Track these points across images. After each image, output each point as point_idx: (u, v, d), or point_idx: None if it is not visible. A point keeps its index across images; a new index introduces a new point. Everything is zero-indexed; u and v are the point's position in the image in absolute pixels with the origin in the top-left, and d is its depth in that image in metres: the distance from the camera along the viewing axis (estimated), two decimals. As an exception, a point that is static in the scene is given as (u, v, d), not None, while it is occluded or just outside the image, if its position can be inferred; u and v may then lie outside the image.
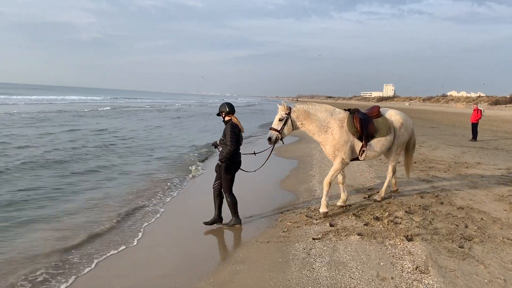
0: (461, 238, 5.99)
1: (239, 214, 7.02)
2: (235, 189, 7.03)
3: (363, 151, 7.29)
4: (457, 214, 7.20)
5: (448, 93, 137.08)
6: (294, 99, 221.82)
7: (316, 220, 7.08)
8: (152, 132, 23.09)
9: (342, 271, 5.04)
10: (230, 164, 6.80)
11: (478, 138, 21.03)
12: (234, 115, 7.05)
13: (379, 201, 8.04)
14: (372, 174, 10.77)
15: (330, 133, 7.15)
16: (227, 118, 6.96)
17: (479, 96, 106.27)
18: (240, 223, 7.01)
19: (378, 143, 7.45)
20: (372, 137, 7.38)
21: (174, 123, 30.48)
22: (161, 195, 9.15)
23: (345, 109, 7.53)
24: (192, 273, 5.30)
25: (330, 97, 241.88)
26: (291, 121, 7.10)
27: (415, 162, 12.76)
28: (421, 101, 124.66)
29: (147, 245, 6.32)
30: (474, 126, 21.14)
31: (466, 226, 6.55)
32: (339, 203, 7.85)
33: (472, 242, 5.87)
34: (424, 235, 6.07)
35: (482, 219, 6.95)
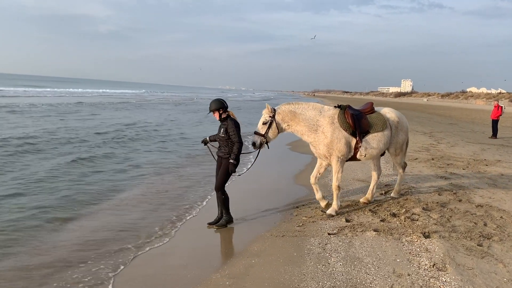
0: (479, 236, 5.90)
1: (254, 208, 7.02)
2: (252, 184, 7.05)
3: (359, 149, 6.96)
4: (475, 212, 7.10)
5: (468, 89, 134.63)
6: (310, 94, 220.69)
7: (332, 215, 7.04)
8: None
9: (358, 266, 5.02)
10: (237, 163, 6.61)
11: (498, 135, 20.64)
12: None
13: (396, 198, 7.87)
14: (389, 171, 10.66)
15: (321, 132, 6.81)
16: (224, 115, 6.61)
17: (500, 93, 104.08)
18: (232, 221, 6.80)
19: (374, 139, 7.08)
20: (367, 132, 7.03)
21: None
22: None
23: (335, 106, 7.22)
24: (208, 265, 5.34)
25: (346, 92, 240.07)
26: (276, 123, 6.75)
27: (432, 159, 12.62)
28: (440, 97, 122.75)
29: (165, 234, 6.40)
30: (495, 123, 20.75)
31: (485, 224, 6.45)
32: (322, 203, 7.37)
33: (491, 240, 5.78)
34: (441, 233, 6.00)
35: (501, 217, 6.83)
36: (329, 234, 6.13)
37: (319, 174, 7.37)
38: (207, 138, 7.01)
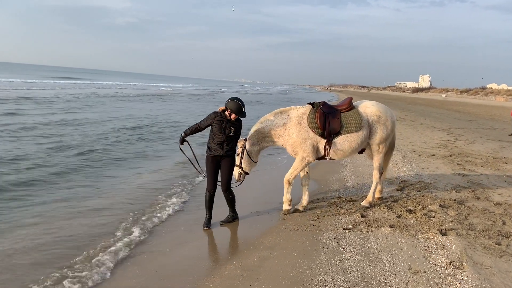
0: (498, 235, 5.80)
1: (266, 201, 7.01)
2: (263, 178, 7.04)
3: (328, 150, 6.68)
4: (494, 210, 6.98)
5: (488, 86, 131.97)
6: (327, 88, 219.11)
7: (346, 210, 7.01)
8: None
9: (373, 262, 4.99)
10: None
11: (518, 133, 20.22)
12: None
13: (367, 207, 7.07)
14: (405, 167, 10.55)
15: (287, 134, 6.64)
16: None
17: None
18: (237, 218, 6.71)
19: (345, 140, 6.66)
20: (338, 133, 6.63)
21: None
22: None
23: (308, 103, 6.88)
24: (222, 257, 5.39)
25: (363, 87, 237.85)
26: (247, 153, 6.68)
27: (450, 156, 12.43)
28: (458, 93, 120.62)
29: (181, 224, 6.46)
30: (515, 120, 20.32)
31: (504, 223, 6.33)
32: (297, 206, 7.11)
33: (510, 239, 5.67)
34: (459, 230, 5.91)
35: (521, 216, 6.70)
36: (344, 229, 6.10)
37: (306, 172, 7.17)
38: (183, 134, 6.38)
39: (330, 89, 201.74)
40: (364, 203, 7.17)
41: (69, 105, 25.76)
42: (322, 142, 6.64)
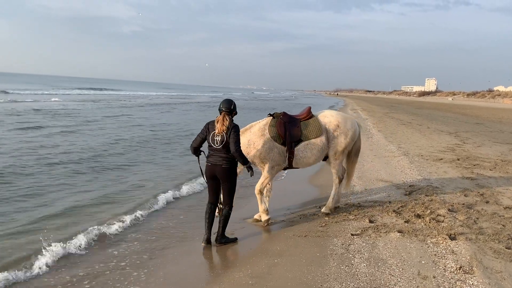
0: (508, 239, 5.76)
1: (274, 209, 6.98)
2: (274, 184, 7.05)
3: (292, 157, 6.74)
4: (504, 214, 6.92)
5: (495, 88, 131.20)
6: (333, 93, 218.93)
7: (354, 215, 6.99)
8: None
9: (382, 268, 4.97)
10: None
11: (527, 135, 20.06)
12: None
13: (327, 214, 7.08)
14: (413, 171, 10.50)
15: (252, 148, 6.61)
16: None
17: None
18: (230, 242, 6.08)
19: (306, 147, 6.78)
20: (299, 141, 6.75)
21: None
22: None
23: (269, 114, 7.00)
24: (230, 264, 5.39)
25: (369, 91, 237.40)
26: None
27: (458, 159, 12.36)
28: (465, 96, 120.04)
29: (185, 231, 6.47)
30: (523, 123, 20.17)
31: (514, 227, 6.28)
32: (256, 216, 7.01)
33: (520, 243, 5.63)
34: (468, 235, 5.88)
35: (531, 220, 6.64)
36: (352, 235, 6.09)
37: (269, 185, 7.10)
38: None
39: (337, 94, 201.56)
40: (324, 209, 7.23)
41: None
42: (284, 150, 6.73)
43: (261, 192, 6.78)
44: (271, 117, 6.90)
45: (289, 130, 6.72)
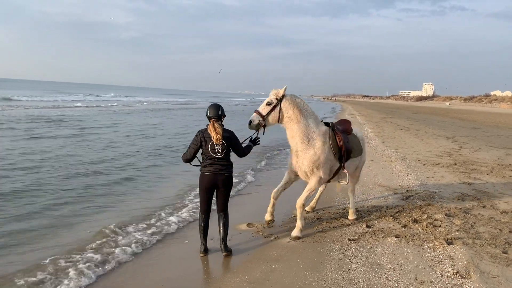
0: (505, 244, 5.77)
1: (275, 212, 6.92)
2: (264, 191, 7.04)
3: (336, 172, 6.46)
4: (500, 219, 6.94)
5: (492, 93, 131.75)
6: (331, 98, 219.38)
7: (351, 220, 6.99)
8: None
9: (379, 273, 4.97)
10: None
11: (523, 139, 20.13)
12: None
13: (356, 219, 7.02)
14: (410, 176, 10.52)
15: (311, 146, 6.07)
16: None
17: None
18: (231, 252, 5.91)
19: (352, 164, 6.72)
20: (349, 157, 6.52)
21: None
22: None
23: (324, 123, 6.49)
24: (227, 270, 5.37)
25: (366, 96, 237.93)
26: (280, 109, 6.01)
27: (455, 164, 12.39)
28: (462, 101, 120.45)
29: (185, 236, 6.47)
30: (520, 127, 20.25)
31: (511, 231, 6.31)
32: (268, 217, 6.68)
33: (517, 248, 5.65)
34: (465, 239, 5.89)
35: (528, 224, 6.66)
36: (349, 240, 6.09)
37: (284, 189, 6.69)
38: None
39: (335, 99, 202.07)
40: (352, 216, 7.06)
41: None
42: (335, 166, 6.39)
43: (303, 207, 6.34)
44: (328, 127, 6.38)
45: (346, 145, 6.41)
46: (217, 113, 5.55)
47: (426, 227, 6.46)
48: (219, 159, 5.53)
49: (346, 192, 9.07)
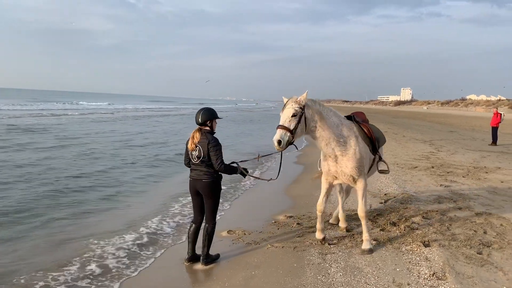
0: (479, 244, 5.90)
1: (251, 219, 6.92)
2: (246, 196, 7.04)
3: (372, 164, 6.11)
4: (475, 220, 7.09)
5: (467, 97, 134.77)
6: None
7: (331, 224, 7.06)
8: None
9: (358, 276, 5.02)
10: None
11: (498, 142, 20.66)
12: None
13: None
14: (389, 179, 10.66)
15: (349, 146, 5.56)
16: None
17: (500, 100, 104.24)
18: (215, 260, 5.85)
19: (381, 153, 6.41)
20: (378, 147, 6.22)
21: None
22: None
23: (345, 116, 6.16)
24: (207, 277, 5.34)
25: (346, 101, 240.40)
26: (305, 119, 5.32)
27: (432, 167, 12.63)
28: (440, 105, 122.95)
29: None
30: (494, 130, 20.78)
31: (485, 232, 6.45)
32: (319, 236, 6.14)
33: (490, 248, 5.78)
34: (441, 241, 6.00)
35: (501, 225, 6.83)
36: (329, 244, 6.13)
37: (327, 198, 6.22)
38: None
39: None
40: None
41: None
42: (371, 158, 6.03)
43: (367, 215, 6.00)
44: (350, 120, 6.00)
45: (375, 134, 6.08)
46: (197, 121, 5.53)
47: (404, 229, 6.56)
48: (197, 165, 5.50)
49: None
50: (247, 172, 5.86)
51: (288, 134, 5.15)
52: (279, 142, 5.09)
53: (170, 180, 11.58)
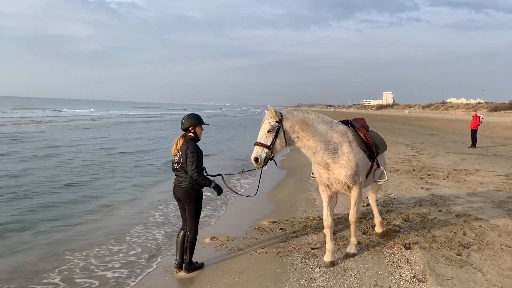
0: (459, 246, 6.00)
1: (241, 223, 6.84)
2: (228, 202, 7.03)
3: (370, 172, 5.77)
4: (455, 222, 7.22)
5: (448, 100, 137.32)
6: (295, 109, 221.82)
7: (314, 229, 7.09)
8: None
9: (340, 280, 5.05)
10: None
11: (477, 144, 21.05)
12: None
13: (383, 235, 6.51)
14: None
15: (341, 152, 5.30)
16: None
17: (479, 103, 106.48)
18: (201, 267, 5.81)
19: (381, 161, 6.11)
20: (377, 153, 5.95)
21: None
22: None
23: (340, 121, 5.87)
24: (190, 283, 5.30)
25: (329, 106, 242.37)
26: (284, 132, 5.14)
27: (413, 170, 12.81)
28: (421, 109, 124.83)
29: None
30: (473, 133, 21.18)
31: (465, 234, 6.56)
32: (327, 258, 5.58)
33: (470, 249, 5.88)
34: (422, 243, 6.09)
35: (480, 226, 6.96)
36: (312, 248, 6.16)
37: (332, 211, 5.83)
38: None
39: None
40: (378, 228, 6.52)
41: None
42: (368, 164, 5.72)
43: (357, 220, 5.81)
44: (345, 125, 5.71)
45: (372, 140, 5.79)
46: (181, 126, 5.59)
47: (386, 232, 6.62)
48: (178, 171, 5.52)
49: (309, 201, 9.19)
50: (221, 191, 5.69)
51: (266, 150, 5.02)
52: (256, 159, 5.00)
53: (155, 188, 11.49)
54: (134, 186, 11.47)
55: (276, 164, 5.66)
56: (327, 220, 5.67)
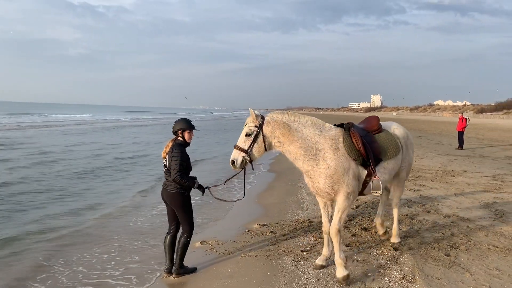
0: (447, 246, 6.06)
1: (232, 227, 6.83)
2: (218, 205, 7.01)
3: (368, 181, 5.29)
4: (443, 223, 7.29)
5: (435, 102, 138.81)
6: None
7: (304, 232, 7.10)
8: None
9: (330, 282, 5.06)
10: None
11: (464, 146, 21.32)
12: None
13: (398, 244, 6.18)
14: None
15: (321, 159, 5.02)
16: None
17: (465, 105, 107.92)
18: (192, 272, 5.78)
19: (387, 169, 5.52)
20: (379, 160, 5.42)
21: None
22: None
23: (335, 124, 5.47)
24: (180, 289, 5.28)
25: (318, 109, 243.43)
26: (263, 137, 5.05)
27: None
28: (409, 111, 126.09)
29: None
30: (460, 135, 21.44)
31: (452, 234, 6.63)
32: (319, 261, 5.57)
33: (458, 250, 5.95)
34: (411, 244, 6.14)
35: (468, 226, 7.04)
36: (302, 251, 6.17)
37: (329, 217, 5.60)
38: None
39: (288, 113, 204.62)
40: (394, 239, 6.23)
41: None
42: (363, 174, 5.25)
43: (340, 233, 5.12)
44: (341, 128, 5.35)
45: (370, 145, 5.30)
46: (172, 131, 5.65)
47: (375, 234, 6.67)
48: (166, 174, 5.54)
49: (299, 204, 9.20)
50: (204, 191, 5.71)
51: (243, 154, 5.00)
52: (233, 162, 5.03)
53: (152, 195, 11.42)
54: (127, 191, 11.39)
55: (253, 169, 5.44)
56: (325, 226, 5.55)
